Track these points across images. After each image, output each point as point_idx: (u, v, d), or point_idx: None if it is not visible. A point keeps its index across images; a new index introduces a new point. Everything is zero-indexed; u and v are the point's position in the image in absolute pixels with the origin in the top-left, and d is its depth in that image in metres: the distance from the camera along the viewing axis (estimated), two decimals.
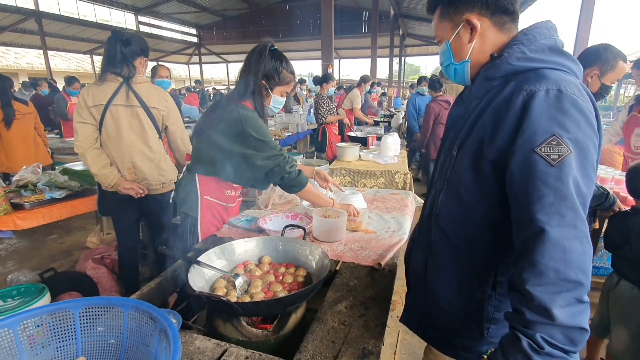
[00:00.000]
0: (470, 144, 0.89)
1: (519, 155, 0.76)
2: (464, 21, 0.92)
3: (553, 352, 0.67)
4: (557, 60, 0.85)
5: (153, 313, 0.83)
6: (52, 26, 14.54)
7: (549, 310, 0.67)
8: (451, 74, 1.01)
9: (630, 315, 1.74)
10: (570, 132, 0.74)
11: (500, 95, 0.85)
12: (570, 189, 0.71)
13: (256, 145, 1.54)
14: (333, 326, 1.03)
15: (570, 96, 0.76)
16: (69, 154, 4.19)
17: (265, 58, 1.57)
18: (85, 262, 2.55)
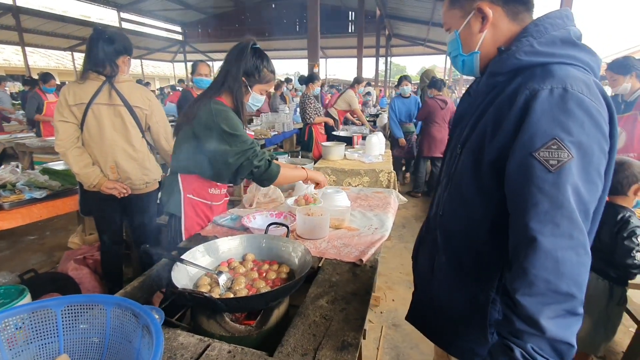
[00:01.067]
0: (472, 142, 0.87)
1: (517, 158, 0.74)
2: (475, 9, 0.87)
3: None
4: (570, 53, 0.79)
5: (136, 309, 0.84)
6: (31, 22, 14.12)
7: (537, 321, 0.67)
8: (459, 65, 0.97)
9: (594, 303, 1.83)
10: (573, 135, 0.69)
11: (504, 92, 0.81)
12: (568, 197, 0.69)
13: (227, 139, 1.53)
14: (314, 320, 1.06)
15: (577, 95, 0.71)
16: (49, 153, 4.11)
17: (247, 55, 1.59)
18: (67, 262, 2.52)
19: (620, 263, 1.69)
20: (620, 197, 1.79)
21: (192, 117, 1.57)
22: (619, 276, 1.79)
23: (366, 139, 4.07)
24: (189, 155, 1.62)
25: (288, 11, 19.02)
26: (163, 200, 1.77)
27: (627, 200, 1.78)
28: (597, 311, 1.84)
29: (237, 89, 1.59)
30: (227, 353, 0.93)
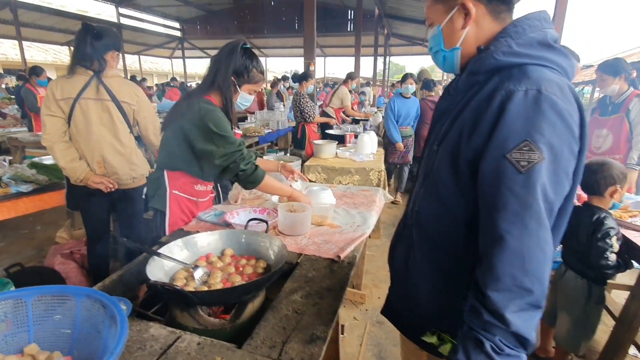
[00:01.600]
0: (449, 140, 0.88)
1: (490, 159, 0.76)
2: (458, 5, 0.87)
3: (510, 352, 0.71)
4: (546, 55, 0.81)
5: (104, 300, 0.85)
6: (28, 16, 14.04)
7: (503, 315, 0.71)
8: (439, 61, 0.97)
9: (573, 302, 1.85)
10: (545, 136, 0.72)
11: (482, 91, 0.83)
12: (537, 197, 0.71)
13: (214, 139, 1.54)
14: (286, 314, 1.08)
15: (550, 97, 0.73)
16: (40, 147, 4.10)
17: (237, 55, 1.60)
18: (54, 257, 2.53)
19: (595, 263, 1.71)
20: (597, 197, 1.82)
21: (180, 115, 1.58)
22: (596, 276, 1.81)
23: (358, 138, 4.08)
24: (176, 151, 1.64)
25: (287, 9, 18.99)
26: (149, 195, 1.79)
27: (603, 201, 1.80)
28: (577, 310, 1.86)
29: (227, 88, 1.61)
30: (197, 345, 0.95)
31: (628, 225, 1.90)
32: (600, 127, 3.19)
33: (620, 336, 1.79)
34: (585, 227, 1.77)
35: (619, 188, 1.78)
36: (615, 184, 1.76)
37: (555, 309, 2.01)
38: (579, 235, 1.80)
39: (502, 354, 0.71)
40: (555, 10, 5.63)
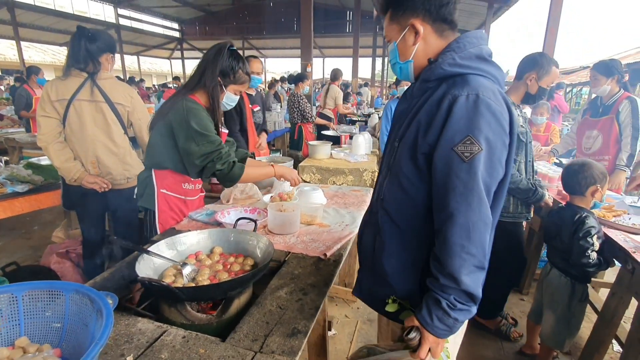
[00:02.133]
0: (408, 137, 1.02)
1: (441, 151, 0.92)
2: (409, 25, 1.04)
3: (462, 307, 0.90)
4: (481, 67, 0.99)
5: (92, 295, 0.89)
6: (27, 16, 14.09)
7: (456, 277, 0.88)
8: (397, 71, 1.13)
9: (557, 301, 1.89)
10: (483, 132, 0.88)
11: (433, 96, 0.99)
12: (478, 181, 0.88)
13: (195, 137, 1.58)
14: (270, 309, 1.12)
15: (486, 100, 0.90)
16: (37, 148, 4.12)
17: (224, 56, 1.65)
18: (50, 256, 2.56)
19: (577, 262, 1.75)
20: (579, 197, 1.86)
21: (165, 114, 1.63)
22: (579, 274, 1.86)
23: (353, 139, 4.12)
24: (162, 150, 1.68)
25: (286, 10, 19.04)
26: (138, 194, 1.82)
27: (584, 200, 1.84)
28: (561, 308, 1.90)
29: (213, 88, 1.66)
30: (182, 338, 0.98)
31: (611, 224, 1.94)
32: (590, 128, 3.23)
33: (602, 332, 1.83)
34: (567, 227, 1.81)
35: (599, 187, 1.82)
36: (596, 183, 1.80)
37: (540, 307, 2.05)
38: (562, 235, 1.85)
39: (455, 309, 0.90)
40: (550, 10, 5.68)
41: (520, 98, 2.19)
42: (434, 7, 1.02)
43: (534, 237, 2.84)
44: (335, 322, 2.41)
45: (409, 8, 1.03)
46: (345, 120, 7.60)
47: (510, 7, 10.90)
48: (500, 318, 2.44)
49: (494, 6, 10.92)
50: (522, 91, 2.17)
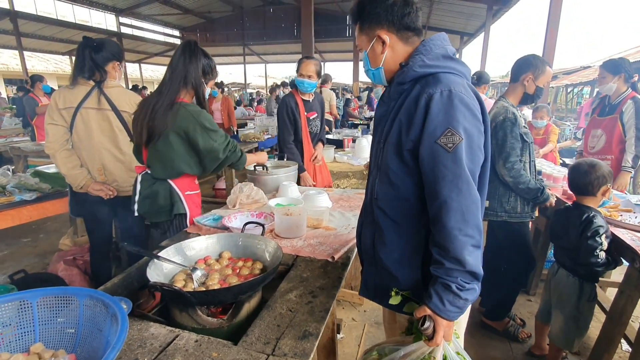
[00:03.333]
0: (392, 136, 1.09)
1: (426, 145, 0.98)
2: (376, 36, 1.12)
3: (469, 287, 0.95)
4: (449, 65, 1.07)
5: (106, 300, 0.90)
6: (29, 26, 14.21)
7: (461, 259, 0.94)
8: (371, 76, 1.22)
9: (565, 300, 1.89)
10: (460, 123, 0.96)
11: (409, 96, 1.06)
12: (464, 167, 0.95)
13: (211, 135, 1.71)
14: (280, 312, 1.12)
15: (458, 94, 0.98)
16: (43, 156, 4.17)
17: (200, 56, 1.75)
18: (57, 263, 2.58)
19: (585, 261, 1.75)
20: (589, 197, 1.86)
21: (168, 124, 1.68)
22: (587, 273, 1.85)
23: (356, 142, 4.13)
24: (175, 159, 1.74)
25: (286, 15, 19.14)
26: (162, 206, 1.81)
27: (594, 200, 1.84)
28: (569, 308, 1.90)
29: (199, 86, 1.77)
30: (194, 342, 0.99)
31: (617, 223, 1.94)
32: (596, 127, 3.22)
33: (610, 331, 1.82)
34: (574, 226, 1.81)
35: (610, 187, 1.83)
36: (607, 183, 1.81)
37: (548, 307, 2.04)
38: (569, 234, 1.84)
39: (464, 290, 0.95)
40: (549, 11, 5.70)
41: (519, 99, 2.21)
42: (397, 17, 1.10)
43: (540, 236, 2.83)
44: (343, 326, 2.41)
45: (374, 21, 1.11)
46: (347, 124, 7.63)
47: (509, 9, 10.93)
48: (508, 319, 2.43)
49: (493, 8, 10.97)
50: (520, 92, 2.19)
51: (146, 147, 1.78)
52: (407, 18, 1.10)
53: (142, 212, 1.85)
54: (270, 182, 2.41)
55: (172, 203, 1.82)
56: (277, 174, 2.44)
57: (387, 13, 1.09)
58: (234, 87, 24.73)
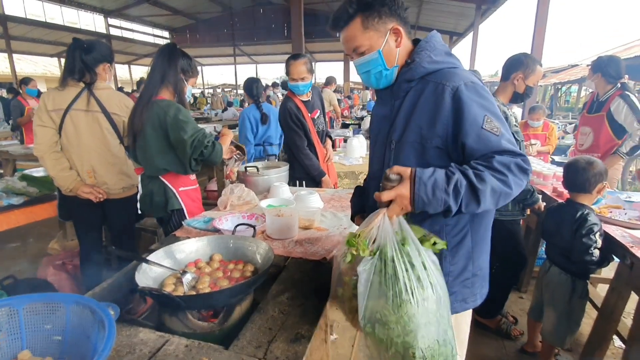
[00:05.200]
0: (408, 135, 1.08)
1: (472, 135, 0.98)
2: (389, 29, 1.08)
3: (457, 198, 0.93)
4: (452, 61, 1.11)
5: (93, 306, 0.89)
6: (18, 29, 14.03)
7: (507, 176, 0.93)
8: (381, 80, 1.14)
9: (558, 298, 1.90)
10: (491, 110, 1.01)
11: (423, 93, 1.06)
12: (510, 139, 1.00)
13: (183, 126, 1.75)
14: (272, 315, 1.11)
15: (480, 84, 1.04)
16: (31, 160, 4.11)
17: (178, 56, 1.86)
18: (46, 268, 2.54)
19: (579, 259, 1.76)
20: (584, 195, 1.87)
21: (144, 123, 1.75)
22: (579, 270, 1.87)
23: (347, 142, 4.14)
24: (160, 155, 1.81)
25: (276, 16, 19.12)
26: (156, 206, 1.91)
27: (589, 198, 1.86)
28: (561, 305, 1.91)
29: (178, 84, 1.85)
30: (185, 347, 0.98)
31: (608, 220, 1.96)
32: (585, 124, 3.26)
33: (602, 328, 1.85)
34: (568, 224, 1.82)
35: (605, 184, 1.85)
36: (603, 180, 1.82)
37: (540, 305, 2.06)
38: (563, 232, 1.86)
39: (451, 193, 0.92)
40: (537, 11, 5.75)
41: (509, 98, 2.22)
42: (402, 10, 1.09)
43: (531, 234, 2.86)
44: (336, 326, 2.40)
45: (385, 13, 1.06)
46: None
47: (497, 8, 11.02)
48: (500, 317, 2.45)
49: (482, 7, 11.06)
50: (510, 91, 2.20)
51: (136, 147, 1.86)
52: (406, 12, 1.10)
53: (143, 209, 1.98)
54: (262, 183, 2.40)
55: (167, 199, 1.90)
56: (269, 174, 2.43)
57: (395, 6, 1.07)
58: (226, 88, 24.63)
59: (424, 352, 0.85)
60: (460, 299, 1.19)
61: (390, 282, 0.86)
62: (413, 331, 0.84)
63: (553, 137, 4.00)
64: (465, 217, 1.13)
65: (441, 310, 0.89)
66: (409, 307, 0.84)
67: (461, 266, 1.16)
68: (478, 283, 1.22)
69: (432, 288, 0.88)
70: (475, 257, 1.19)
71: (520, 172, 0.95)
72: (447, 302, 0.92)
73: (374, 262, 0.90)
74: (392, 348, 0.87)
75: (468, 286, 1.19)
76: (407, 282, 0.86)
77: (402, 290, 0.85)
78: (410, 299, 0.85)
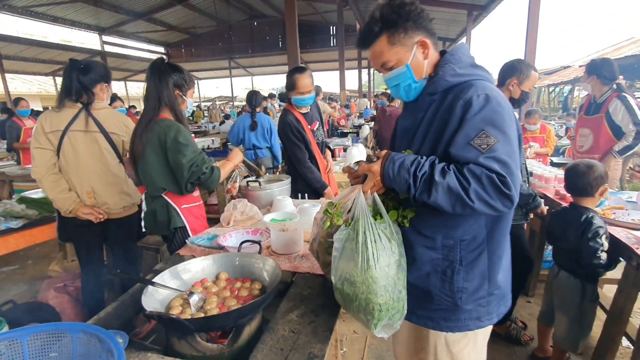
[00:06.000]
0: (425, 148, 1.08)
1: (458, 145, 0.98)
2: (416, 43, 1.08)
3: (416, 181, 0.99)
4: (479, 73, 1.09)
5: (100, 335, 0.86)
6: (11, 48, 14.05)
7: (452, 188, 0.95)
8: (411, 92, 1.14)
9: (568, 302, 1.88)
10: (497, 126, 0.96)
11: (442, 106, 1.06)
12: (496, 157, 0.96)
13: (182, 149, 1.74)
14: (283, 334, 1.09)
15: (495, 98, 0.99)
16: (29, 181, 4.07)
17: (169, 72, 1.82)
18: (47, 291, 2.49)
19: (587, 263, 1.75)
20: (587, 198, 1.86)
21: (145, 144, 1.76)
22: (588, 274, 1.85)
23: (347, 151, 4.14)
24: (159, 174, 1.81)
25: (270, 28, 19.31)
26: (159, 224, 1.90)
27: (592, 201, 1.85)
28: (572, 310, 1.89)
29: (174, 102, 1.83)
30: None
31: (612, 221, 1.95)
32: (583, 126, 3.28)
33: (612, 330, 1.83)
34: (573, 228, 1.81)
35: (607, 186, 1.85)
36: (604, 183, 1.82)
37: (551, 309, 2.04)
38: (568, 236, 1.85)
39: (413, 173, 0.98)
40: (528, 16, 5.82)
41: None
42: (427, 22, 1.08)
43: (536, 238, 2.85)
44: (344, 339, 2.37)
45: (411, 27, 1.06)
46: (337, 132, 7.65)
47: (489, 14, 11.17)
48: (509, 322, 2.42)
49: (473, 13, 11.19)
50: (506, 97, 2.21)
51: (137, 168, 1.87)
52: (431, 23, 1.09)
53: (147, 227, 1.96)
54: (264, 197, 2.38)
55: (169, 217, 1.88)
56: (271, 188, 2.41)
57: (421, 19, 1.06)
58: (221, 100, 24.71)
59: (380, 306, 1.02)
60: (475, 317, 1.15)
61: (360, 250, 1.01)
62: (374, 291, 1.00)
63: (551, 139, 4.01)
64: (482, 234, 1.10)
65: (399, 274, 1.05)
66: (374, 272, 1.00)
67: (476, 284, 1.12)
68: (495, 302, 1.17)
69: (393, 256, 1.04)
70: (492, 276, 1.14)
71: (492, 188, 0.92)
72: (404, 267, 1.07)
73: (347, 232, 1.06)
74: (356, 301, 1.04)
75: (483, 305, 1.15)
76: (374, 252, 1.00)
77: (370, 257, 1.00)
78: (375, 265, 1.00)
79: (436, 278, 1.13)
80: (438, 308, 1.16)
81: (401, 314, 1.08)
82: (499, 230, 1.12)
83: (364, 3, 12.96)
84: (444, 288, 1.13)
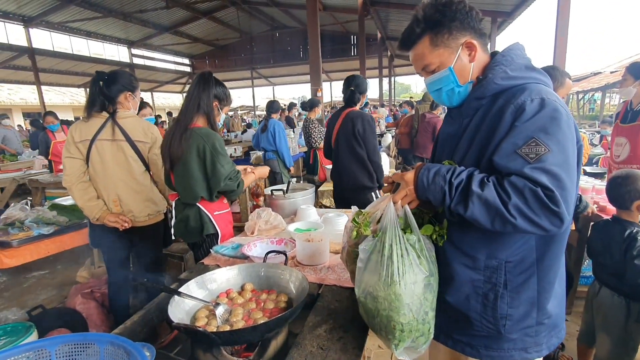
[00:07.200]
0: (470, 156, 0.99)
1: (503, 153, 0.90)
2: (462, 44, 1.00)
3: (451, 191, 0.91)
4: (534, 75, 0.99)
5: (127, 347, 0.84)
6: (46, 62, 14.81)
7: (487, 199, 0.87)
8: (454, 97, 1.06)
9: (611, 322, 1.75)
10: (551, 134, 0.86)
11: (490, 112, 0.97)
12: (545, 168, 0.85)
13: (219, 159, 1.80)
14: (311, 351, 1.04)
15: (552, 103, 0.89)
16: (60, 188, 4.21)
17: (213, 84, 1.90)
18: (75, 297, 2.54)
19: (634, 282, 1.63)
20: (626, 211, 1.74)
21: (183, 151, 1.79)
22: (633, 292, 1.72)
23: None
24: (198, 184, 1.84)
25: (292, 39, 19.59)
26: (193, 227, 1.92)
27: (632, 215, 1.73)
28: (616, 330, 1.76)
29: (211, 112, 1.89)
30: None
31: None
32: (619, 134, 3.10)
33: None
34: (617, 243, 1.69)
35: None
36: None
37: (591, 329, 1.91)
38: (612, 251, 1.73)
39: (448, 181, 0.92)
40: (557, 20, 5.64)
41: None
42: (476, 22, 1.00)
43: (572, 251, 2.69)
44: (370, 355, 2.29)
45: (456, 27, 0.99)
46: None
47: (513, 20, 10.95)
48: None
49: (498, 20, 10.99)
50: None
51: (173, 174, 1.91)
52: (481, 23, 1.01)
53: (177, 235, 1.99)
54: (288, 206, 2.36)
55: (202, 224, 1.92)
56: (295, 197, 2.39)
57: (469, 18, 0.98)
58: (243, 109, 25.15)
59: (402, 326, 0.96)
60: (520, 347, 1.04)
61: (385, 264, 0.96)
62: (397, 308, 0.95)
63: (585, 148, 3.83)
64: (531, 256, 0.99)
65: (426, 294, 0.98)
66: (397, 288, 0.94)
67: (523, 311, 1.01)
68: (545, 332, 1.05)
69: (422, 274, 0.97)
70: (543, 303, 1.02)
71: (536, 203, 0.82)
72: (434, 288, 1.00)
73: (374, 243, 1.01)
74: (378, 318, 0.99)
75: (531, 335, 1.03)
76: (400, 266, 0.95)
77: (395, 272, 0.95)
78: (400, 281, 0.94)
79: (477, 301, 1.03)
80: (478, 334, 1.06)
81: (426, 337, 1.00)
82: (551, 252, 1.00)
83: (385, 12, 12.96)
84: (486, 313, 1.02)
